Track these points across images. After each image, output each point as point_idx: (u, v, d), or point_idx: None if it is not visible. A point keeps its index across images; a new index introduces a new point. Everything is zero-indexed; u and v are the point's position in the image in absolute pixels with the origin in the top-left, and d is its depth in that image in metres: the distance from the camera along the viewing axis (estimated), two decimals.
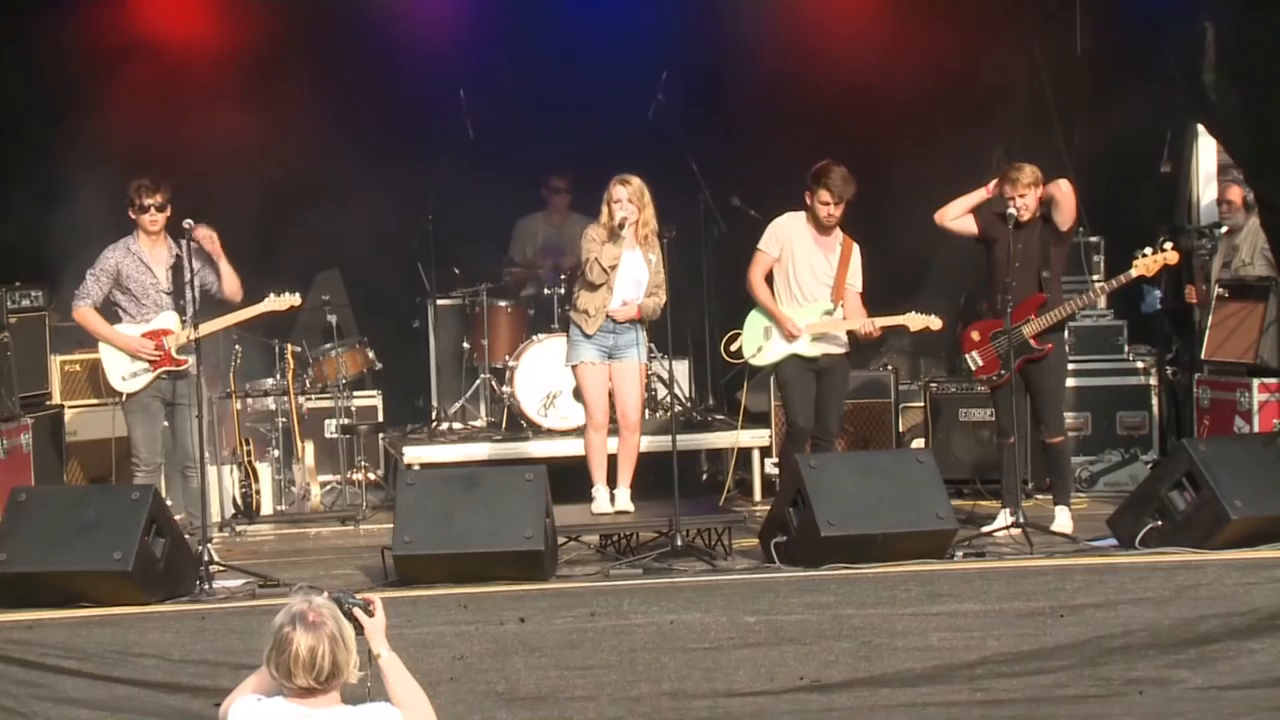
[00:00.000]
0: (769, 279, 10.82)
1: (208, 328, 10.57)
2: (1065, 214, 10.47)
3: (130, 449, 10.60)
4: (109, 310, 10.60)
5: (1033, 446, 11.23)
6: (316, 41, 13.21)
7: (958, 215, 10.69)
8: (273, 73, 12.88)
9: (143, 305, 10.52)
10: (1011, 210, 10.40)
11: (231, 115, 12.70)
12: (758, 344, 10.83)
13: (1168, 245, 10.51)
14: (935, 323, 10.94)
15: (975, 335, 10.69)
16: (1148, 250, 10.50)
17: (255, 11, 13.01)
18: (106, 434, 12.01)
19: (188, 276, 10.27)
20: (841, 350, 10.90)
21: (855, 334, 10.87)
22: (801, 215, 10.89)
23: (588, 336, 10.27)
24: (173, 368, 10.44)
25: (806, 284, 10.80)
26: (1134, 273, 10.54)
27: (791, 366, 10.81)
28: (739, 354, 10.96)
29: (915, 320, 10.96)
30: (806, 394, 10.80)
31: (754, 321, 10.88)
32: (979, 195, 10.65)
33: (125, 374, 10.50)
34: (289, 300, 10.74)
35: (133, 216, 10.55)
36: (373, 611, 5.34)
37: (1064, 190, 10.43)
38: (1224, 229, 12.82)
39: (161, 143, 12.45)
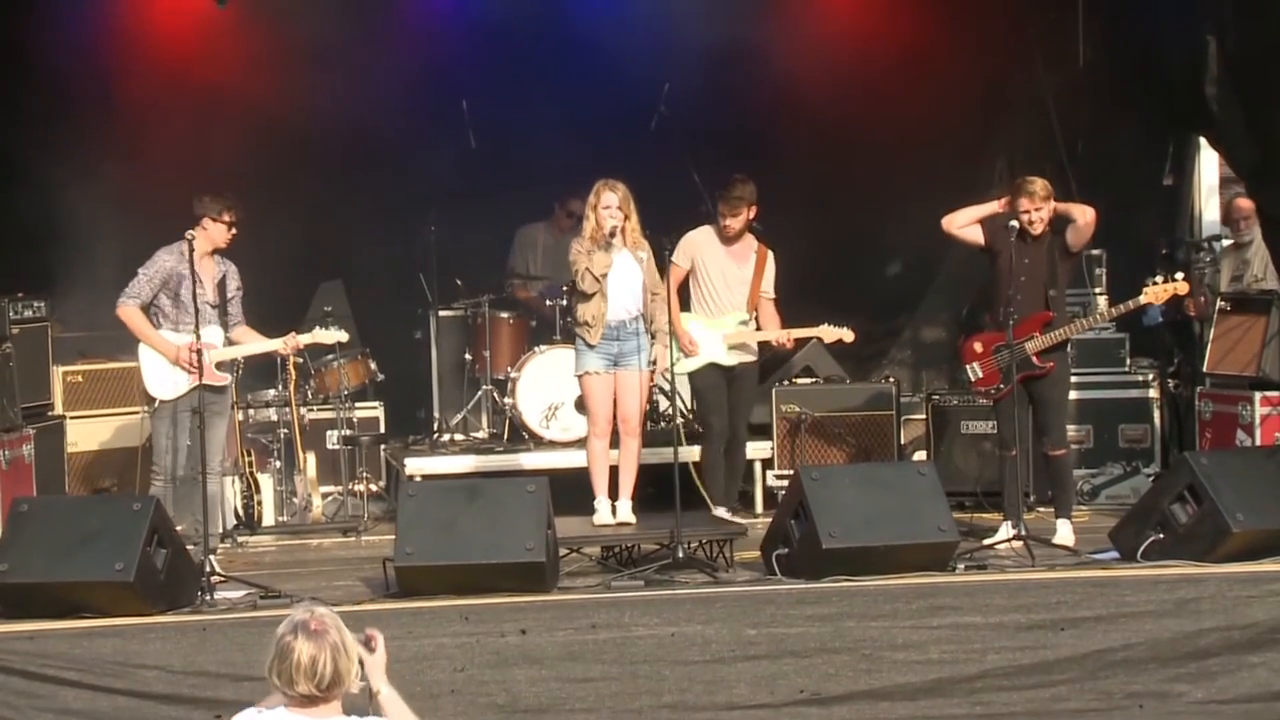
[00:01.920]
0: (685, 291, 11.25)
1: (245, 350, 10.67)
2: (1081, 238, 10.51)
3: (158, 456, 10.58)
4: (147, 313, 10.59)
5: (1034, 459, 11.22)
6: (319, 52, 13.20)
7: (965, 224, 10.68)
8: (274, 81, 12.88)
9: (186, 314, 10.39)
10: (1014, 223, 10.42)
11: (234, 125, 12.71)
12: (678, 353, 11.07)
13: (1179, 275, 10.58)
14: (848, 335, 11.39)
15: (978, 347, 10.70)
16: (1158, 278, 10.57)
17: (257, 19, 13.02)
18: (109, 444, 12.04)
19: (230, 294, 10.36)
20: (752, 358, 11.50)
21: (768, 343, 11.42)
22: (711, 228, 11.43)
23: (591, 346, 10.32)
24: (211, 383, 10.38)
25: (721, 294, 11.26)
26: (1143, 300, 10.61)
27: (708, 374, 11.45)
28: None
29: (829, 332, 11.45)
30: (721, 398, 11.47)
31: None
32: (990, 207, 10.66)
33: (164, 380, 10.48)
34: (336, 335, 11.11)
35: (207, 226, 10.46)
36: (374, 648, 5.33)
37: (1087, 218, 10.44)
38: (1228, 242, 12.83)
39: (164, 151, 12.46)
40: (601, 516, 10.33)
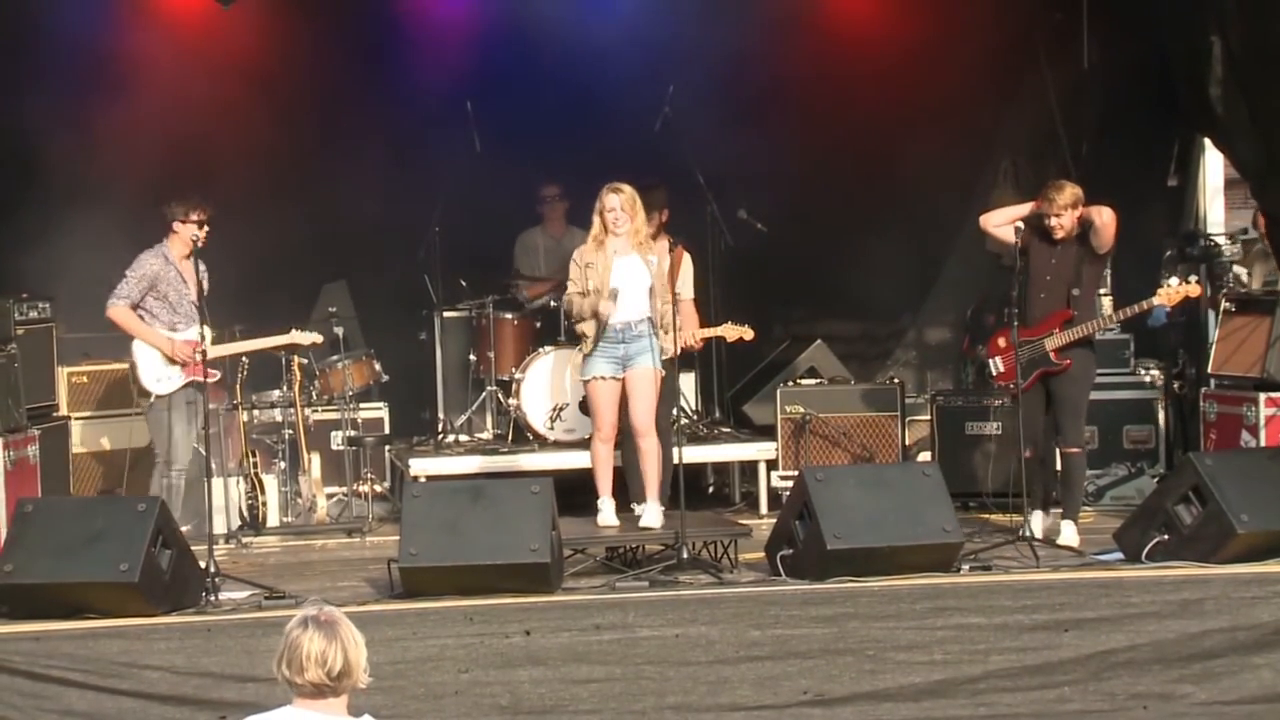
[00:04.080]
0: None
1: (227, 349, 10.79)
2: (1103, 240, 10.58)
3: (162, 451, 10.67)
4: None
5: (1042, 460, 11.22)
6: (324, 52, 13.22)
7: (1001, 223, 10.78)
8: (279, 83, 12.89)
9: (176, 313, 10.68)
10: (1019, 223, 10.55)
11: (238, 127, 12.72)
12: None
13: (1193, 278, 10.65)
14: (747, 333, 11.19)
15: (1001, 342, 10.78)
16: (1173, 280, 10.65)
17: (262, 24, 13.02)
18: (114, 445, 12.03)
19: (200, 291, 10.39)
20: (665, 356, 11.18)
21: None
22: None
23: (596, 350, 10.32)
24: (201, 379, 10.46)
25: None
26: (1156, 301, 10.72)
27: None
28: None
29: (731, 330, 11.19)
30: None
31: None
32: (1027, 208, 10.73)
33: (160, 375, 10.63)
34: (311, 337, 11.24)
35: (178, 230, 10.65)
36: None
37: (1105, 219, 10.51)
38: (1240, 243, 12.81)
39: (167, 154, 12.47)
40: (605, 517, 10.33)
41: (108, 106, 12.58)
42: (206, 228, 10.68)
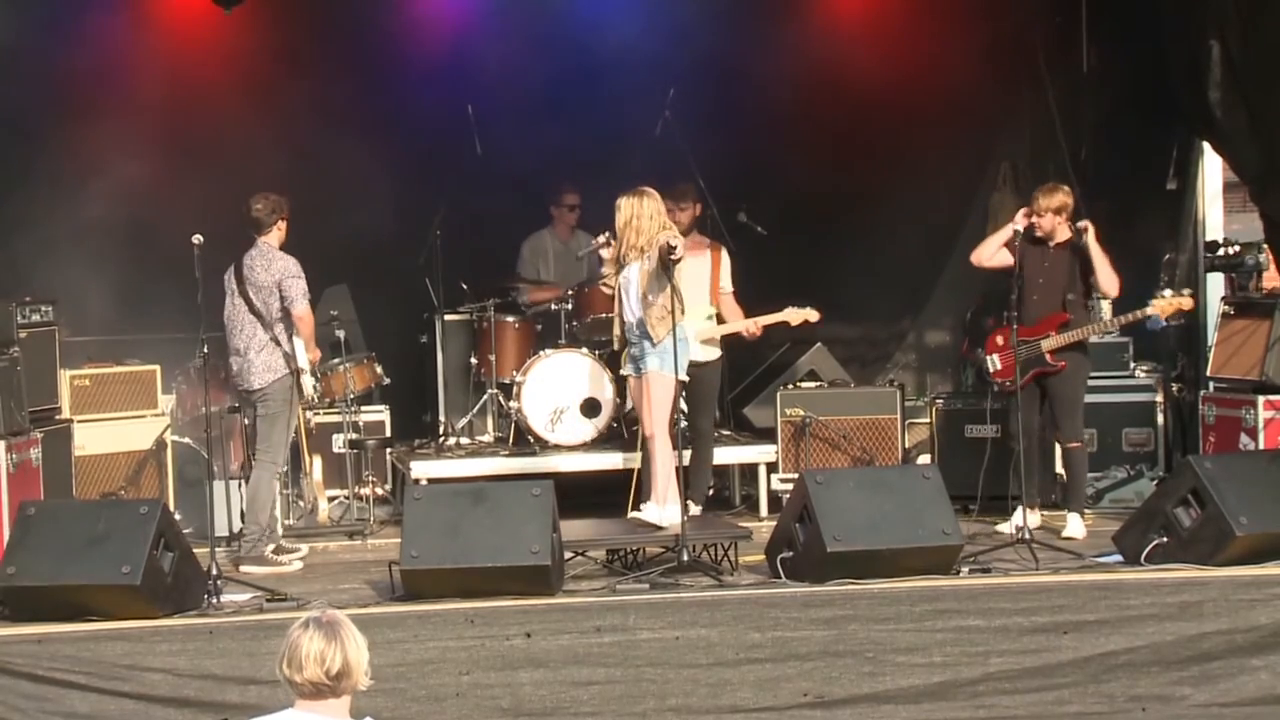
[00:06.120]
0: None
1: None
2: (1100, 286, 10.90)
3: (282, 449, 10.99)
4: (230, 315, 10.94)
5: (1037, 462, 11.26)
6: (325, 56, 13.25)
7: (993, 252, 10.96)
8: (281, 86, 12.92)
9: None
10: (1018, 227, 10.66)
11: (240, 130, 12.74)
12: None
13: (1186, 291, 10.82)
14: (812, 315, 11.33)
15: (1000, 340, 10.93)
16: (1167, 292, 10.85)
17: (264, 25, 13.05)
18: (117, 448, 12.05)
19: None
20: (717, 355, 11.54)
21: (739, 334, 11.48)
22: None
23: (624, 350, 10.57)
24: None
25: (687, 291, 10.85)
26: (1150, 310, 10.98)
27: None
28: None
29: (794, 314, 11.34)
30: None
31: None
32: (1007, 232, 10.89)
33: (309, 378, 11.01)
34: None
35: (280, 227, 10.98)
36: None
37: (1111, 291, 10.90)
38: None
39: (170, 155, 12.50)
40: (646, 514, 10.43)
41: (110, 110, 12.61)
42: None
